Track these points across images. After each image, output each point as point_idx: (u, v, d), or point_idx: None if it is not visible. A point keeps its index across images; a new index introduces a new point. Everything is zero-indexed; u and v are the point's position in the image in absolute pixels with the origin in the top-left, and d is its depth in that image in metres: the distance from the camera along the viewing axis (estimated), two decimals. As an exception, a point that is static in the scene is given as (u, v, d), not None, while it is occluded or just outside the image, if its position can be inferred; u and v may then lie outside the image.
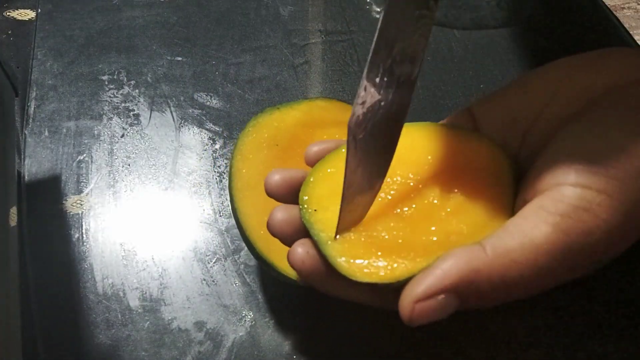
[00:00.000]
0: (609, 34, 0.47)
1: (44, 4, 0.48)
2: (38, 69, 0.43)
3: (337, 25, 0.47)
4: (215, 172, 0.38)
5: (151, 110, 0.41)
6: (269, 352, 0.30)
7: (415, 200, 0.27)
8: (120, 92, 0.42)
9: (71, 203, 0.36)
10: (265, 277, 0.33)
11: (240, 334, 0.31)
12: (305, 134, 0.34)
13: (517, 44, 0.46)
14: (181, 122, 0.41)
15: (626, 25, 0.50)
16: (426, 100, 0.42)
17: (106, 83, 0.43)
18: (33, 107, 0.41)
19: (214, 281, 0.33)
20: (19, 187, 0.36)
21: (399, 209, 0.27)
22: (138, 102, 0.42)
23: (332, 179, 0.28)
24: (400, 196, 0.27)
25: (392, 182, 0.28)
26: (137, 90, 0.42)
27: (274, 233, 0.27)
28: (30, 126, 0.40)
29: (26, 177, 0.37)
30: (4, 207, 0.30)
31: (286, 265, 0.30)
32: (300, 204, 0.27)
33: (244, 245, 0.33)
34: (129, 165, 0.38)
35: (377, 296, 0.27)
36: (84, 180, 0.37)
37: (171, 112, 0.41)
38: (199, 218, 0.36)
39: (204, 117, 0.41)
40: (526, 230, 0.24)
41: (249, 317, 0.32)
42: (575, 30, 0.47)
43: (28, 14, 0.48)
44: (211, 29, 0.47)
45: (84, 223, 0.35)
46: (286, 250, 0.27)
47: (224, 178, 0.38)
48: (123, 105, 0.41)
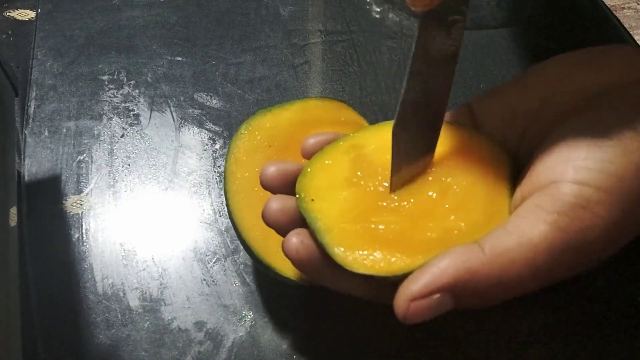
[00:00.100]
0: (609, 34, 0.47)
1: (44, 4, 0.48)
2: (38, 69, 0.43)
3: (337, 25, 0.47)
4: (215, 172, 0.38)
5: (151, 110, 0.41)
6: (269, 352, 0.30)
7: (413, 194, 0.27)
8: (120, 92, 0.42)
9: (71, 203, 0.36)
10: (265, 277, 0.33)
11: (240, 334, 0.31)
12: (299, 135, 0.33)
13: (517, 44, 0.46)
14: (181, 122, 0.41)
15: (626, 25, 0.50)
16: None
17: (106, 83, 0.43)
18: (33, 107, 0.41)
19: (214, 281, 0.33)
20: (19, 187, 0.36)
21: (397, 203, 0.27)
22: (138, 102, 0.42)
23: (329, 171, 0.28)
24: (398, 190, 0.27)
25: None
26: (137, 90, 0.42)
27: (269, 223, 0.27)
28: (30, 126, 0.40)
29: (26, 177, 0.37)
30: (4, 207, 0.30)
31: (284, 266, 0.30)
32: (297, 193, 0.27)
33: (243, 245, 0.33)
34: (129, 165, 0.38)
35: (371, 289, 0.27)
36: (84, 180, 0.37)
37: (171, 112, 0.41)
38: (199, 218, 0.36)
39: (204, 117, 0.41)
40: (524, 229, 0.24)
41: (249, 317, 0.32)
42: (575, 30, 0.47)
43: (28, 14, 0.48)
44: (211, 29, 0.47)
45: (84, 223, 0.35)
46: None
47: (224, 171, 0.38)
48: (123, 105, 0.41)
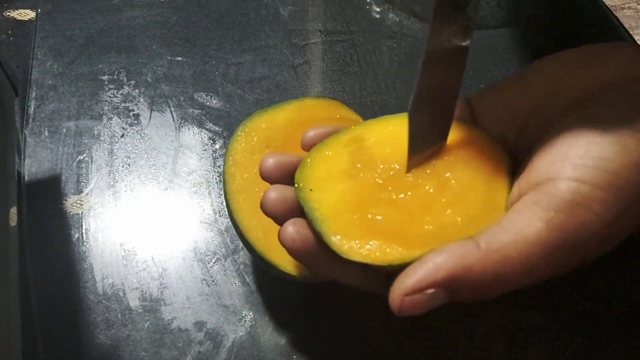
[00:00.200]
0: (609, 34, 0.47)
1: (44, 4, 0.48)
2: (38, 69, 0.43)
3: (337, 25, 0.47)
4: (215, 172, 0.38)
5: (151, 110, 0.41)
6: (269, 352, 0.30)
7: (411, 188, 0.27)
8: (120, 92, 0.42)
9: (71, 203, 0.36)
10: (265, 276, 0.33)
11: (240, 334, 0.31)
12: (296, 134, 0.33)
13: (517, 44, 0.46)
14: (181, 122, 0.41)
15: (626, 25, 0.50)
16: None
17: (106, 83, 0.43)
18: (33, 107, 0.41)
19: (214, 281, 0.33)
20: (19, 187, 0.36)
21: (395, 196, 0.27)
22: (138, 102, 0.42)
23: (329, 162, 0.28)
24: (396, 183, 0.27)
25: (389, 169, 0.28)
26: (137, 90, 0.42)
27: (267, 212, 0.27)
28: (30, 126, 0.40)
29: (26, 177, 0.37)
30: (4, 207, 0.30)
31: (285, 263, 0.30)
32: (296, 183, 0.27)
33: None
34: (129, 165, 0.38)
35: (367, 278, 0.27)
36: (84, 180, 0.37)
37: (171, 112, 0.41)
38: (199, 218, 0.36)
39: (204, 117, 0.41)
40: (520, 226, 0.24)
41: (249, 317, 0.32)
42: (575, 30, 0.47)
43: (28, 14, 0.48)
44: (211, 29, 0.47)
45: (84, 223, 0.35)
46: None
47: (222, 172, 0.38)
48: (123, 105, 0.41)
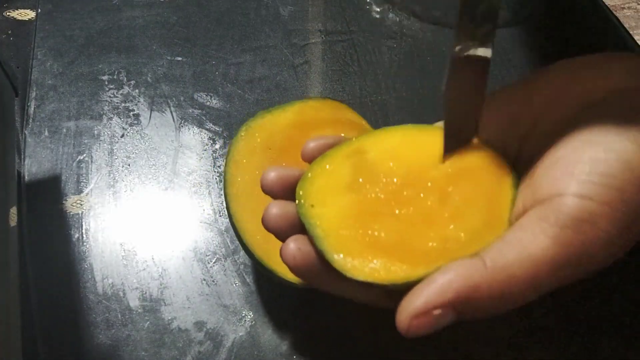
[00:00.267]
0: (609, 34, 0.47)
1: (44, 4, 0.48)
2: (38, 69, 0.43)
3: (337, 25, 0.47)
4: (215, 172, 0.38)
5: (151, 110, 0.41)
6: (269, 352, 0.30)
7: (413, 202, 0.27)
8: (120, 92, 0.42)
9: (71, 203, 0.36)
10: (265, 277, 0.33)
11: (240, 334, 0.31)
12: (299, 136, 0.33)
13: (517, 44, 0.46)
14: (181, 122, 0.41)
15: (626, 25, 0.50)
16: (426, 100, 0.42)
17: (106, 83, 0.43)
18: (33, 107, 0.41)
19: (214, 281, 0.33)
20: (19, 187, 0.36)
21: (397, 210, 0.27)
22: (138, 102, 0.42)
23: (330, 176, 0.28)
24: (398, 198, 0.27)
25: (391, 183, 0.27)
26: (137, 90, 0.42)
27: (269, 228, 0.27)
28: (30, 126, 0.40)
29: (26, 177, 0.37)
30: (4, 207, 0.30)
31: (285, 269, 0.30)
32: (297, 199, 0.27)
33: (244, 245, 0.33)
34: (129, 165, 0.38)
35: (370, 295, 0.27)
36: (84, 180, 0.37)
37: (171, 112, 0.41)
38: (199, 218, 0.36)
39: (204, 117, 0.41)
40: (526, 243, 0.24)
41: (249, 317, 0.32)
42: (575, 30, 0.47)
43: (28, 14, 0.48)
44: (211, 29, 0.47)
45: (84, 223, 0.35)
46: None
47: (223, 173, 0.38)
48: (123, 105, 0.41)
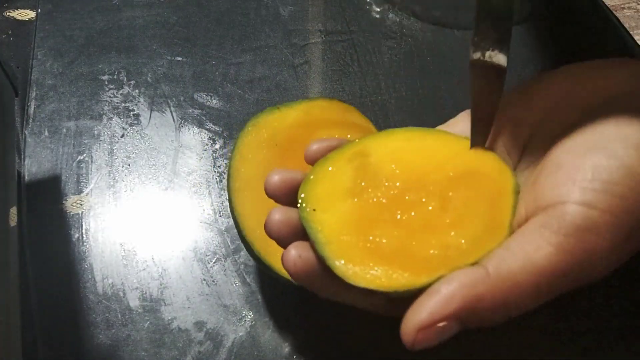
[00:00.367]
0: (609, 34, 0.47)
1: (44, 4, 0.48)
2: (38, 69, 0.43)
3: (337, 25, 0.47)
4: (215, 172, 0.38)
5: (151, 110, 0.41)
6: (269, 352, 0.30)
7: (415, 207, 0.27)
8: (120, 92, 0.42)
9: (71, 203, 0.36)
10: (265, 277, 0.33)
11: (240, 334, 0.31)
12: (305, 135, 0.33)
13: (516, 44, 0.46)
14: (181, 122, 0.41)
15: (626, 25, 0.50)
16: (426, 100, 0.42)
17: (106, 83, 0.43)
18: (33, 107, 0.41)
19: (214, 281, 0.33)
20: (19, 187, 0.36)
21: (398, 216, 0.26)
22: (138, 102, 0.42)
23: (332, 178, 0.28)
24: (400, 202, 0.27)
25: (393, 187, 0.27)
26: (137, 90, 0.42)
27: (271, 234, 0.27)
28: (30, 126, 0.40)
29: (26, 177, 0.37)
30: (4, 207, 0.30)
31: None
32: (299, 202, 0.27)
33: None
34: (129, 165, 0.38)
35: (371, 301, 0.26)
36: (84, 180, 0.37)
37: (171, 112, 0.41)
38: (199, 218, 0.36)
39: (204, 117, 0.41)
40: (529, 251, 0.24)
41: (249, 317, 0.32)
42: (575, 30, 0.47)
43: (28, 14, 0.48)
44: (211, 29, 0.47)
45: (84, 223, 0.35)
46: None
47: (224, 178, 0.38)
48: (123, 105, 0.41)
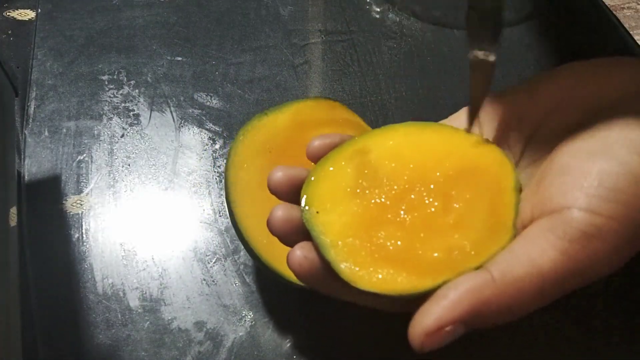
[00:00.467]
0: (609, 34, 0.47)
1: (44, 4, 0.48)
2: (38, 69, 0.43)
3: (337, 25, 0.47)
4: (215, 172, 0.38)
5: (151, 110, 0.41)
6: (269, 352, 0.30)
7: (417, 207, 0.26)
8: (120, 92, 0.42)
9: (71, 203, 0.36)
10: (265, 276, 0.33)
11: (240, 334, 0.31)
12: (297, 137, 0.33)
13: (517, 44, 0.46)
14: (181, 122, 0.41)
15: (626, 25, 0.50)
16: (426, 100, 0.42)
17: (106, 83, 0.43)
18: (33, 107, 0.41)
19: (214, 281, 0.33)
20: (19, 187, 0.36)
21: (401, 216, 0.26)
22: (138, 102, 0.42)
23: (333, 178, 0.27)
24: (402, 202, 0.27)
25: (394, 186, 0.27)
26: (137, 90, 0.42)
27: (274, 232, 0.27)
28: (30, 126, 0.40)
29: (26, 177, 0.37)
30: (4, 207, 0.30)
31: (290, 270, 0.30)
32: (301, 203, 0.27)
33: (244, 245, 0.33)
34: (129, 165, 0.38)
35: (374, 301, 0.26)
36: (84, 180, 0.37)
37: (171, 112, 0.41)
38: (199, 218, 0.36)
39: (204, 117, 0.41)
40: (534, 256, 0.24)
41: (249, 317, 0.32)
42: (575, 30, 0.47)
43: (28, 14, 0.48)
44: (211, 29, 0.47)
45: (84, 223, 0.35)
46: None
47: (223, 178, 0.38)
48: (123, 105, 0.41)
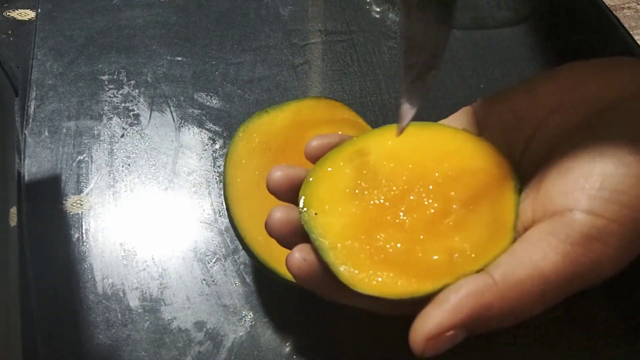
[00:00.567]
0: (609, 34, 0.47)
1: (44, 4, 0.48)
2: (38, 69, 0.43)
3: (337, 25, 0.47)
4: (215, 172, 0.38)
5: (151, 110, 0.41)
6: (269, 352, 0.30)
7: (416, 209, 0.26)
8: (120, 92, 0.42)
9: (71, 203, 0.36)
10: (265, 277, 0.33)
11: (240, 334, 0.31)
12: (297, 136, 0.33)
13: (517, 44, 0.46)
14: (181, 122, 0.41)
15: (626, 25, 0.50)
16: (426, 100, 0.42)
17: (106, 83, 0.43)
18: (33, 107, 0.41)
19: (214, 281, 0.33)
20: (19, 187, 0.36)
21: (401, 217, 0.26)
22: (138, 102, 0.42)
23: (331, 180, 0.27)
24: (401, 204, 0.26)
25: (393, 187, 0.27)
26: (137, 90, 0.42)
27: (272, 233, 0.27)
28: (30, 126, 0.40)
29: (26, 177, 0.37)
30: (4, 207, 0.30)
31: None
32: (300, 205, 0.26)
33: (244, 245, 0.33)
34: (129, 165, 0.38)
35: (374, 304, 0.26)
36: (84, 180, 0.37)
37: (171, 112, 0.41)
38: (199, 218, 0.36)
39: (204, 117, 0.41)
40: (536, 259, 0.24)
41: (249, 317, 0.32)
42: (575, 30, 0.47)
43: (28, 14, 0.48)
44: (211, 29, 0.47)
45: (84, 223, 0.35)
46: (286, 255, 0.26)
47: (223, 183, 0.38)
48: (123, 105, 0.41)
